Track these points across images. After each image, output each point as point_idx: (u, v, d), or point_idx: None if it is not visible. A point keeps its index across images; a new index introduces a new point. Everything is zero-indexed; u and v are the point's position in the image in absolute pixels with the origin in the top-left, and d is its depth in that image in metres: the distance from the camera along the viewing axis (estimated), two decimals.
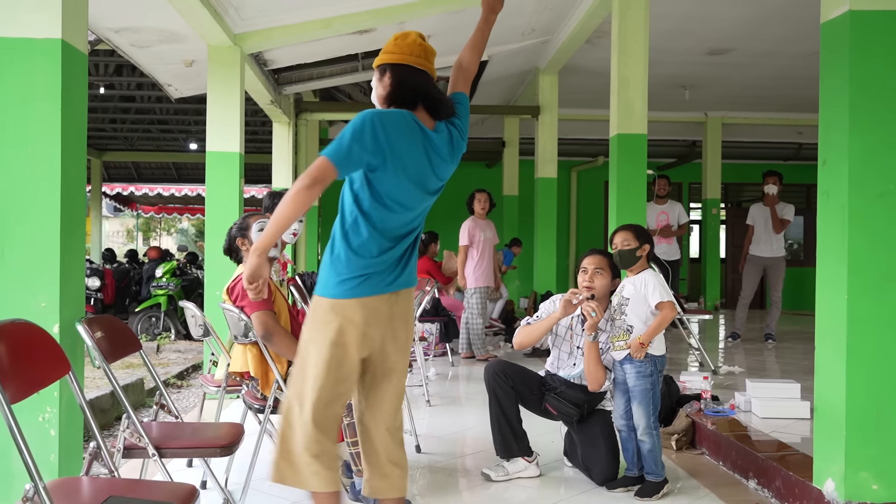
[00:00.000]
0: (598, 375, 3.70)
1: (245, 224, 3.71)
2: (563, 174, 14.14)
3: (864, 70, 3.09)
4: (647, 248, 3.75)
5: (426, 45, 2.62)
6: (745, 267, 8.37)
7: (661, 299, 3.59)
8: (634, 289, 3.66)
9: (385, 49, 2.61)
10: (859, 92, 3.08)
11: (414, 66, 2.56)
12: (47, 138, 2.92)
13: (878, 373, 3.06)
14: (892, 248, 3.07)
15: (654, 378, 3.62)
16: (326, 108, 10.87)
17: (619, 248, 3.75)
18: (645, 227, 4.06)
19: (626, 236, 3.75)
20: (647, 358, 3.60)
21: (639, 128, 6.06)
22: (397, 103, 2.56)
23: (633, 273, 3.74)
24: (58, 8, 2.92)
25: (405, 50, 2.57)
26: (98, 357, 2.81)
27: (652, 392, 3.60)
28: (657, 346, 3.64)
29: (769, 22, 7.86)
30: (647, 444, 3.63)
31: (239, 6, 5.74)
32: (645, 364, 3.60)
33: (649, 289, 3.61)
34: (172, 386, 6.96)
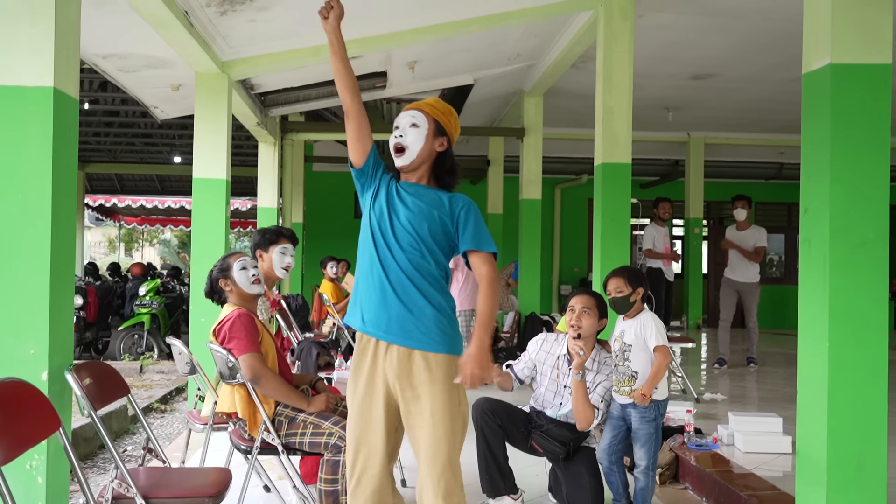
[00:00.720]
0: (586, 414, 3.74)
1: (226, 265, 3.68)
2: (548, 192, 14.23)
3: (845, 121, 3.15)
4: (641, 292, 3.80)
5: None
6: (721, 290, 8.47)
7: (657, 343, 3.66)
8: (635, 335, 3.72)
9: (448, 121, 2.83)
10: (840, 143, 3.14)
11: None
12: (38, 185, 2.92)
13: (859, 420, 3.11)
14: (873, 297, 3.12)
15: (658, 422, 3.71)
16: (312, 128, 10.90)
17: (612, 296, 3.80)
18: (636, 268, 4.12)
19: (618, 283, 3.80)
20: (651, 403, 3.66)
21: (623, 157, 6.12)
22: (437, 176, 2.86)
23: (630, 317, 3.80)
24: (50, 55, 2.93)
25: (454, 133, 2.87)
26: (87, 406, 2.82)
27: (655, 436, 3.68)
28: (660, 391, 3.73)
29: (752, 50, 7.96)
30: (642, 483, 3.73)
31: (227, 35, 5.76)
32: (649, 409, 3.68)
33: (647, 332, 3.68)
34: (156, 411, 6.93)
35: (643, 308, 3.83)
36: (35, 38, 2.93)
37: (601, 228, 6.11)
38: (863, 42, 3.16)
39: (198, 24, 5.36)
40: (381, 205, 2.75)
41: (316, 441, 3.35)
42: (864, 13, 3.18)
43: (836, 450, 3.10)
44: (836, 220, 3.13)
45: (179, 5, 4.96)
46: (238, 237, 27.00)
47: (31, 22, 2.94)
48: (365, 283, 2.72)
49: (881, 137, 3.14)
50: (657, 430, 3.73)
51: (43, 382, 2.88)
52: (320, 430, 3.36)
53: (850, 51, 3.16)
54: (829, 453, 3.10)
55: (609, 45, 6.08)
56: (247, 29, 5.75)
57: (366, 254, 2.73)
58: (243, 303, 3.64)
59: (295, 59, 6.39)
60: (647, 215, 16.31)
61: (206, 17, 5.35)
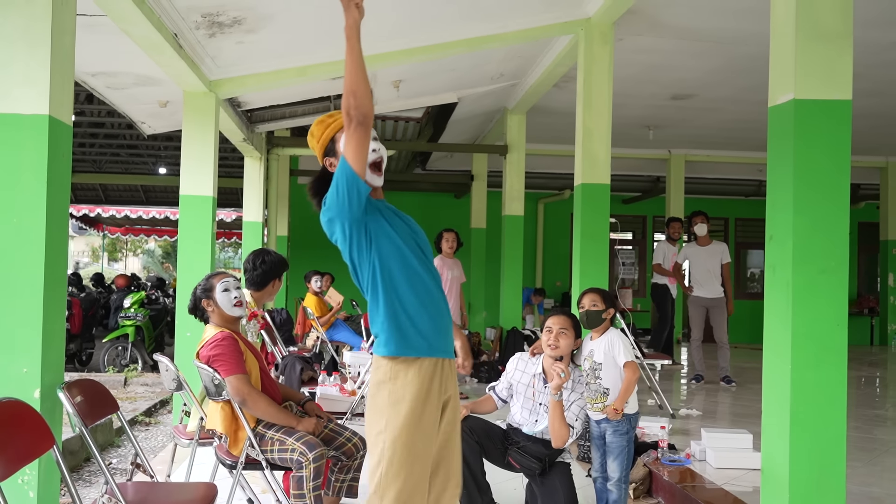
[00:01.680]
0: (562, 433, 3.87)
1: (209, 285, 3.72)
2: (530, 206, 14.38)
3: (807, 154, 3.32)
4: (612, 312, 3.96)
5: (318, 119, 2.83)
6: (689, 308, 8.55)
7: (626, 359, 3.82)
8: (604, 353, 3.88)
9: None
10: (802, 175, 3.31)
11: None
12: (32, 209, 3.03)
13: (819, 439, 3.27)
14: (832, 322, 3.28)
15: (630, 435, 3.88)
16: (298, 143, 11.01)
17: (586, 308, 3.96)
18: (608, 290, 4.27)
19: (594, 298, 3.97)
20: (623, 417, 3.83)
21: (602, 177, 6.27)
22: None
23: (598, 334, 3.96)
24: (46, 84, 3.04)
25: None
26: (78, 422, 2.92)
27: (627, 448, 3.85)
28: (631, 405, 3.90)
29: (729, 72, 8.16)
30: (615, 495, 3.91)
31: (215, 56, 5.88)
32: (622, 422, 3.86)
33: (615, 349, 3.84)
34: (141, 423, 7.00)
35: (610, 327, 4.00)
36: (32, 66, 3.04)
37: (580, 246, 6.26)
38: (825, 79, 3.33)
39: (187, 45, 5.48)
40: (400, 224, 2.69)
41: (283, 457, 3.47)
42: (827, 51, 3.35)
43: (797, 466, 3.25)
44: (798, 249, 3.30)
45: (169, 28, 5.08)
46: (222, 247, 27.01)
47: (28, 51, 3.05)
48: (428, 306, 2.63)
49: (842, 170, 3.31)
50: (629, 444, 3.91)
51: (35, 400, 2.98)
52: (284, 447, 3.47)
53: (812, 87, 3.32)
54: (791, 469, 3.25)
55: (589, 68, 6.25)
56: (234, 50, 5.87)
57: (419, 276, 2.62)
58: (225, 324, 3.69)
59: (281, 78, 6.52)
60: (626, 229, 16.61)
61: (195, 39, 5.47)
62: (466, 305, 10.19)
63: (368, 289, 2.63)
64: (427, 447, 2.61)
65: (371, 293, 2.63)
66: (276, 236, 12.30)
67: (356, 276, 2.67)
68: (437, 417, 2.65)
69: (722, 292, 8.41)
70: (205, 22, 5.24)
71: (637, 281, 16.08)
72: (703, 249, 8.46)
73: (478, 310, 12.47)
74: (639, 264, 16.14)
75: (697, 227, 8.46)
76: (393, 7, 5.68)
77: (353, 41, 2.47)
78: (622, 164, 12.59)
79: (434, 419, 2.64)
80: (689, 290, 8.56)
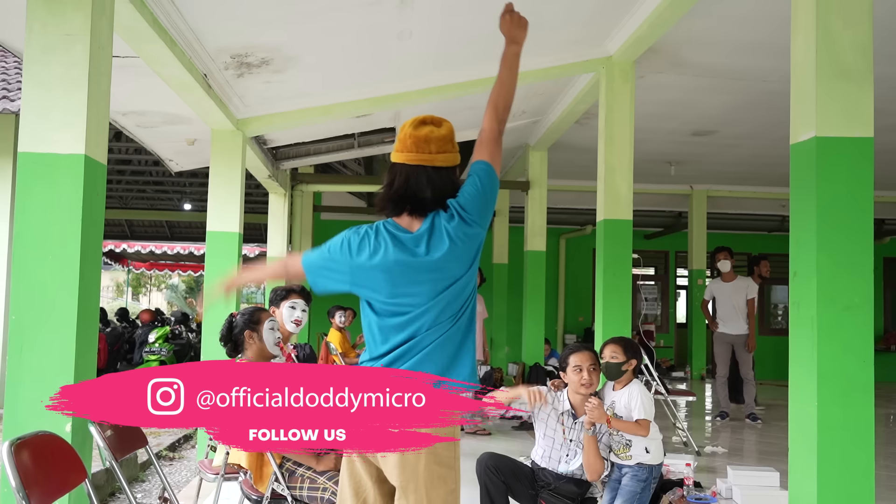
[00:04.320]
0: (597, 467, 3.86)
1: (257, 318, 3.70)
2: (552, 241, 14.42)
3: (830, 191, 3.33)
4: (634, 363, 3.95)
5: (418, 133, 2.41)
6: (714, 345, 8.47)
7: (640, 416, 3.81)
8: (625, 406, 3.87)
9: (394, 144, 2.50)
10: (825, 212, 3.32)
11: (406, 163, 2.41)
12: (67, 247, 3.11)
13: (848, 477, 3.24)
14: (858, 359, 3.27)
15: (648, 483, 3.83)
16: (321, 179, 11.16)
17: (606, 360, 3.96)
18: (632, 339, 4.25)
19: (614, 350, 3.96)
20: (645, 466, 3.83)
21: (625, 213, 6.29)
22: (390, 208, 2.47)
23: (621, 386, 3.96)
24: (82, 125, 3.14)
25: (398, 146, 2.44)
26: (108, 456, 2.96)
27: (640, 496, 3.79)
28: (655, 455, 3.87)
29: (749, 108, 8.18)
30: None
31: (243, 95, 6.01)
32: (643, 469, 3.82)
33: (633, 403, 3.84)
34: (164, 458, 7.04)
35: (633, 379, 3.99)
36: (69, 109, 3.15)
37: (603, 282, 6.26)
38: (846, 116, 3.36)
39: (216, 85, 5.61)
40: None
41: (312, 496, 3.48)
42: (848, 89, 3.38)
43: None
44: (822, 286, 3.30)
45: (199, 69, 5.21)
46: None
47: (65, 94, 3.16)
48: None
49: (865, 207, 3.32)
50: (644, 492, 3.85)
51: (67, 434, 3.04)
52: (315, 485, 3.48)
53: (834, 125, 3.35)
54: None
55: (611, 105, 6.30)
56: (262, 89, 6.00)
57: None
58: (259, 360, 3.74)
59: (306, 116, 6.64)
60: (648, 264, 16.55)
61: (223, 79, 5.60)
62: (489, 341, 10.20)
63: (456, 318, 2.41)
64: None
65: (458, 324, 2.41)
66: None
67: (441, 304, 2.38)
68: None
69: (746, 328, 8.33)
70: (234, 63, 5.37)
71: (660, 316, 15.99)
72: (727, 285, 8.41)
73: (500, 345, 12.45)
74: (661, 299, 16.06)
75: (721, 264, 8.42)
76: (417, 48, 5.79)
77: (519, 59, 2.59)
78: (644, 199, 12.60)
79: None
80: (715, 327, 8.49)
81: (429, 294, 2.37)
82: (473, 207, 2.39)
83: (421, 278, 2.37)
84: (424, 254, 2.36)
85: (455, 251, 2.37)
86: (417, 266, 2.36)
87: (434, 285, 2.37)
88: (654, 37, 5.69)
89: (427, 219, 2.41)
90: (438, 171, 2.42)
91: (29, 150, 3.15)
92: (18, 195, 3.17)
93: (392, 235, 2.39)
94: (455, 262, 2.38)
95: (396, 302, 2.40)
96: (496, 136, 2.51)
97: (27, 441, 2.33)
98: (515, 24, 2.61)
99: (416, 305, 2.38)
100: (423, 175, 2.40)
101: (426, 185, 2.40)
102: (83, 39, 3.18)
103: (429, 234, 2.38)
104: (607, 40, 6.14)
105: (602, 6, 5.53)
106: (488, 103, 2.57)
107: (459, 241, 2.37)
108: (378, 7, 4.96)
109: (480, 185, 2.42)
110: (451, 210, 2.39)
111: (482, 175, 2.43)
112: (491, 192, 2.43)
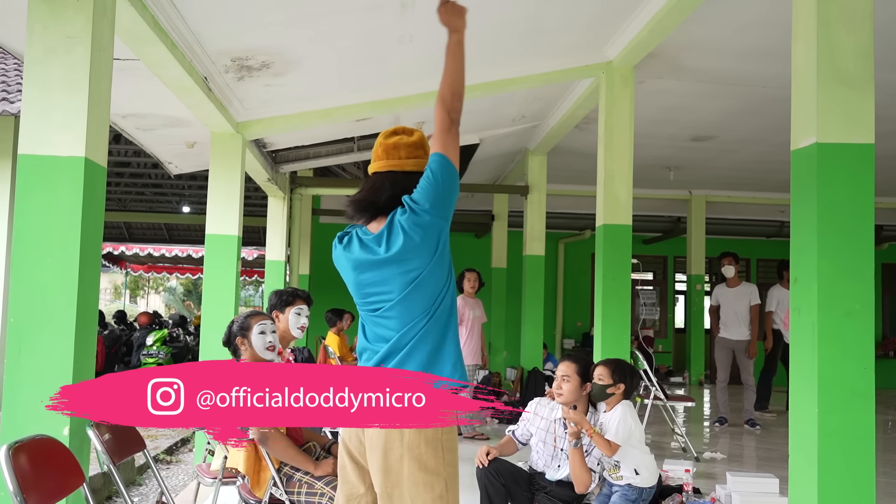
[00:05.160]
0: (584, 479, 3.85)
1: (247, 324, 3.75)
2: (551, 246, 14.41)
3: (830, 198, 3.33)
4: (622, 387, 3.94)
5: (388, 142, 2.53)
6: (715, 350, 8.47)
7: (611, 437, 3.81)
8: (611, 429, 3.86)
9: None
10: (826, 218, 3.32)
11: (378, 171, 2.52)
12: (67, 249, 3.10)
13: (848, 484, 3.23)
14: (859, 366, 3.26)
15: (636, 503, 3.81)
16: (320, 182, 11.15)
17: (594, 381, 3.96)
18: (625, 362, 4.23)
19: (602, 372, 3.97)
20: (636, 487, 3.82)
21: (624, 219, 6.29)
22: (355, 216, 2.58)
23: (610, 407, 3.95)
24: (83, 128, 3.14)
25: (372, 158, 2.56)
26: (106, 460, 2.95)
27: None
28: (646, 478, 3.87)
29: (749, 114, 8.19)
30: None
31: (243, 98, 6.00)
32: (633, 490, 3.82)
33: (612, 423, 3.84)
34: (162, 462, 7.02)
35: (623, 401, 3.97)
36: (70, 111, 3.14)
37: (602, 287, 6.26)
38: (847, 123, 3.36)
39: (216, 88, 5.60)
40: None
41: (310, 500, 3.47)
42: (848, 95, 3.38)
43: None
44: (823, 292, 3.29)
45: (199, 72, 5.20)
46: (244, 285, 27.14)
47: (66, 96, 3.15)
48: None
49: (865, 214, 3.32)
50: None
51: (65, 437, 3.02)
52: (313, 490, 3.47)
53: (834, 131, 3.35)
54: None
55: (610, 110, 6.30)
56: (262, 93, 6.00)
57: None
58: None
59: (306, 120, 6.63)
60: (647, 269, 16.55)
61: (223, 83, 5.60)
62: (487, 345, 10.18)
63: (430, 313, 2.42)
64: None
65: (433, 319, 2.43)
66: (298, 275, 12.39)
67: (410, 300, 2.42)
68: None
69: (748, 334, 8.33)
70: (234, 66, 5.36)
71: (658, 321, 15.98)
72: (731, 291, 8.41)
73: (498, 350, 12.44)
74: (660, 304, 16.05)
75: (725, 269, 8.41)
76: (417, 52, 5.79)
77: (462, 47, 2.65)
78: (643, 204, 12.59)
79: None
80: (717, 332, 8.49)
81: (397, 290, 2.43)
82: (425, 198, 2.41)
83: (385, 274, 2.44)
84: (385, 251, 2.43)
85: (410, 243, 2.40)
86: (379, 263, 2.44)
87: (399, 280, 2.43)
88: (654, 42, 5.69)
89: (388, 219, 2.48)
90: (408, 174, 2.49)
91: (29, 153, 3.14)
92: (18, 197, 3.16)
93: (359, 239, 2.51)
94: (413, 254, 2.41)
95: (368, 301, 2.50)
96: (447, 127, 2.51)
97: (25, 445, 2.32)
98: (453, 13, 2.67)
99: (386, 301, 2.45)
100: (388, 179, 2.50)
101: (389, 188, 2.49)
102: (84, 41, 3.17)
103: (387, 231, 2.44)
104: (607, 45, 6.15)
105: (602, 11, 5.53)
106: (437, 96, 2.60)
107: (414, 233, 2.40)
108: (378, 11, 4.96)
109: (432, 176, 2.43)
110: (405, 205, 2.44)
111: (434, 166, 2.44)
112: (445, 182, 2.42)
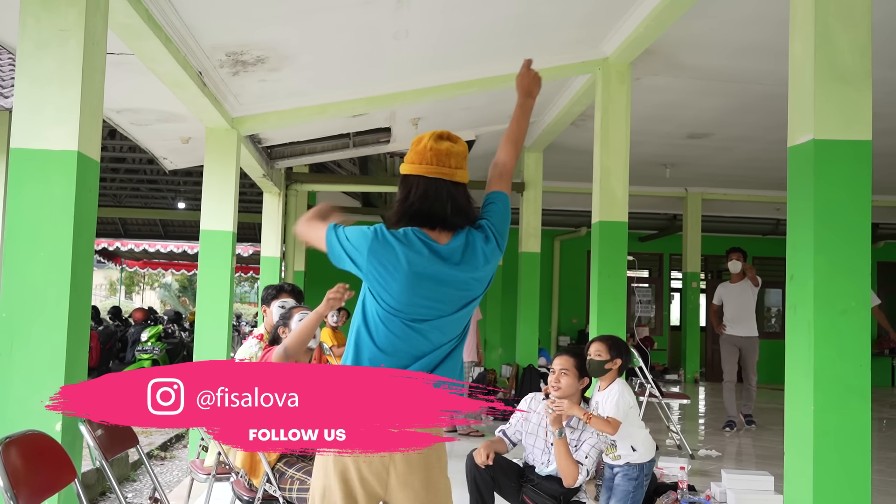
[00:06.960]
0: (570, 471, 3.83)
1: (289, 314, 3.78)
2: (547, 243, 14.41)
3: (827, 194, 3.32)
4: (619, 363, 3.93)
5: (439, 147, 2.36)
6: (722, 348, 8.30)
7: (610, 413, 3.80)
8: (609, 407, 3.85)
9: (406, 157, 2.43)
10: (822, 215, 3.31)
11: (425, 175, 2.36)
12: (59, 244, 3.08)
13: (843, 482, 3.22)
14: (855, 363, 3.26)
15: (640, 481, 3.82)
16: (316, 178, 11.12)
17: (591, 357, 3.95)
18: (622, 339, 4.22)
19: (599, 348, 3.95)
20: (635, 464, 3.81)
21: (620, 215, 6.28)
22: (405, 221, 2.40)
23: (606, 384, 3.94)
24: (75, 122, 3.11)
25: (415, 158, 2.38)
26: (98, 456, 2.93)
27: (633, 495, 3.78)
28: (643, 453, 3.86)
29: (745, 111, 8.18)
30: None
31: (238, 93, 5.98)
32: (633, 468, 3.82)
33: (610, 400, 3.83)
34: (156, 458, 7.00)
35: (618, 378, 3.96)
36: (63, 105, 3.11)
37: (598, 284, 6.25)
38: (844, 119, 3.35)
39: (210, 83, 5.57)
40: None
41: (303, 497, 3.46)
42: (846, 92, 3.37)
43: None
44: (819, 289, 3.28)
45: (194, 66, 5.17)
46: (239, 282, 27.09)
47: (59, 90, 3.12)
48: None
49: (862, 211, 3.31)
50: (637, 490, 3.84)
51: (57, 433, 3.00)
52: (305, 486, 3.46)
53: (832, 127, 3.34)
54: None
55: (606, 107, 6.29)
56: (257, 88, 5.97)
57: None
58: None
59: (302, 115, 6.60)
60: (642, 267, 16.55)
61: (218, 77, 5.57)
62: (482, 342, 10.18)
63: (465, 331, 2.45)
64: None
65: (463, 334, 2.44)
66: (293, 271, 12.37)
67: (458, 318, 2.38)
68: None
69: (755, 330, 8.13)
70: (229, 61, 5.34)
71: (653, 319, 15.99)
72: (735, 286, 8.18)
73: (493, 347, 12.45)
74: (655, 302, 16.06)
75: (731, 264, 8.18)
76: (413, 47, 5.77)
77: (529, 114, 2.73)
78: (639, 201, 12.59)
79: None
80: (721, 330, 8.29)
81: (452, 308, 2.35)
82: (503, 237, 2.42)
83: (447, 290, 2.33)
84: (459, 270, 2.32)
85: (484, 274, 2.38)
86: (446, 277, 2.32)
87: (457, 299, 2.35)
88: (651, 39, 5.68)
89: (459, 235, 2.36)
90: (456, 186, 2.38)
91: (21, 146, 3.11)
92: (10, 191, 3.14)
93: (425, 244, 2.32)
94: (479, 283, 2.38)
95: (413, 306, 2.32)
96: (511, 172, 2.62)
97: (16, 440, 2.30)
98: (533, 82, 2.75)
99: (437, 315, 2.34)
100: (443, 189, 2.36)
101: (446, 200, 2.36)
102: (77, 35, 3.15)
103: (463, 250, 2.34)
104: (604, 42, 6.13)
105: (598, 8, 5.51)
106: (507, 139, 2.63)
107: (491, 266, 2.39)
108: (374, 6, 4.94)
109: (506, 215, 2.47)
110: (486, 232, 2.39)
111: (506, 204, 2.49)
112: (508, 223, 2.51)
